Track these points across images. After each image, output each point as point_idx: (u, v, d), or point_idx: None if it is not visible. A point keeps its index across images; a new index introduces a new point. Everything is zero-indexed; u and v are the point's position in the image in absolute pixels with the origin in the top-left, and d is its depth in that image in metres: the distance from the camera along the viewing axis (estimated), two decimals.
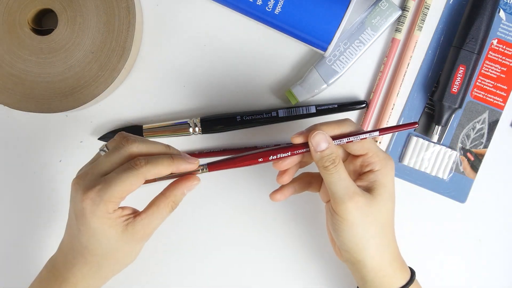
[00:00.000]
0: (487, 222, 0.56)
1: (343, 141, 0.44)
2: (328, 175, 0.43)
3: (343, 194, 0.43)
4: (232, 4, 0.51)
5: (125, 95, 0.56)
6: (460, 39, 0.53)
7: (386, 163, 0.45)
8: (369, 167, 0.45)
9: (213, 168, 0.45)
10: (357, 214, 0.43)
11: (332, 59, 0.54)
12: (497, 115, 0.55)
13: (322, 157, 0.44)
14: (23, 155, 0.57)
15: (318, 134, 0.44)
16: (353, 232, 0.44)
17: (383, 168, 0.45)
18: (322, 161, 0.44)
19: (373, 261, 0.45)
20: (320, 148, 0.44)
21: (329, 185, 0.44)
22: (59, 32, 0.52)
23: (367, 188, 0.45)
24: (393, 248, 0.47)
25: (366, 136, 0.44)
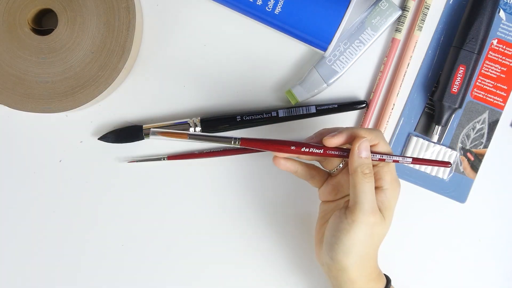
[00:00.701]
0: (487, 222, 0.56)
1: (376, 157, 0.45)
2: (364, 183, 0.44)
3: (369, 207, 0.43)
4: (232, 4, 0.51)
5: (125, 95, 0.56)
6: (460, 39, 0.53)
7: (396, 187, 0.46)
8: (379, 182, 0.46)
9: (246, 143, 0.45)
10: (367, 230, 0.44)
11: (332, 59, 0.54)
12: (497, 115, 0.55)
13: (363, 163, 0.44)
14: (23, 155, 0.57)
15: (366, 142, 0.44)
16: (352, 245, 0.44)
17: (392, 190, 0.46)
18: (362, 167, 0.44)
19: (353, 273, 0.45)
20: (364, 154, 0.44)
21: (358, 193, 0.44)
22: (59, 32, 0.52)
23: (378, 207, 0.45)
24: (373, 262, 0.47)
25: (398, 159, 0.46)
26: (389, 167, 0.46)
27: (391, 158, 0.45)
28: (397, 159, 0.46)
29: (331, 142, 0.45)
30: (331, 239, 0.45)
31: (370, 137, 0.45)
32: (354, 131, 0.45)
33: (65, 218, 0.57)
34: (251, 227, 0.56)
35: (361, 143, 0.44)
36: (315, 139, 0.48)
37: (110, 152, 0.56)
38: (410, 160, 0.46)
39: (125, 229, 0.56)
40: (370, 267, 0.46)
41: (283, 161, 0.48)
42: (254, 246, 0.57)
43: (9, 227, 0.57)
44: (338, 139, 0.45)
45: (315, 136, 0.48)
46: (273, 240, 0.56)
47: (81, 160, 0.57)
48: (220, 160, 0.56)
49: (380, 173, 0.46)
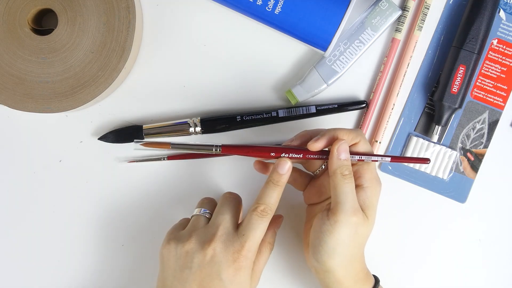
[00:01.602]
0: (487, 222, 0.56)
1: (355, 158, 0.46)
2: (344, 184, 0.44)
3: (350, 207, 0.44)
4: (232, 4, 0.51)
5: (125, 95, 0.56)
6: (460, 39, 0.53)
7: (376, 185, 0.46)
8: (359, 180, 0.46)
9: (226, 150, 0.46)
10: (350, 231, 0.44)
11: (332, 59, 0.54)
12: (497, 115, 0.55)
13: (343, 165, 0.44)
14: (23, 155, 0.57)
15: (344, 144, 0.45)
16: (336, 246, 0.44)
17: (372, 187, 0.46)
18: (342, 169, 0.44)
19: (339, 274, 0.45)
20: (342, 156, 0.44)
21: (339, 194, 0.44)
22: (59, 32, 0.52)
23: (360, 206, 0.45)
24: (361, 263, 0.47)
25: (377, 159, 0.46)
26: (369, 166, 0.46)
27: (370, 158, 0.46)
28: (375, 158, 0.46)
29: (315, 146, 0.45)
30: (315, 241, 0.45)
31: (350, 137, 0.45)
32: (335, 133, 0.46)
33: (65, 218, 0.57)
34: None
35: (339, 145, 0.45)
36: (295, 142, 0.48)
37: (110, 152, 0.56)
38: (389, 159, 0.47)
39: (125, 229, 0.56)
40: (357, 267, 0.47)
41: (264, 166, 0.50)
42: None
43: (9, 227, 0.57)
44: (321, 143, 0.45)
45: (296, 138, 0.48)
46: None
47: (81, 160, 0.57)
48: (220, 160, 0.56)
49: (360, 171, 0.46)
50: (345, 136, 0.45)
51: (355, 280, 0.46)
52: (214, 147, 0.46)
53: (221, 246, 0.43)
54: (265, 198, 0.45)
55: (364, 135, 0.47)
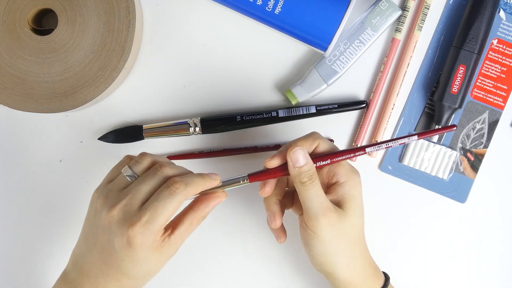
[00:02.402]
0: (487, 222, 0.56)
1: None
2: (305, 190, 0.44)
3: (317, 210, 0.43)
4: (232, 4, 0.51)
5: (125, 95, 0.56)
6: (460, 39, 0.53)
7: (353, 176, 0.46)
8: (335, 178, 0.45)
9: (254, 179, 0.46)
10: (329, 230, 0.44)
11: (332, 59, 0.54)
12: (497, 115, 0.55)
13: (300, 173, 0.44)
14: (23, 155, 0.57)
15: (298, 150, 0.44)
16: (324, 247, 0.44)
17: (349, 180, 0.45)
18: (300, 177, 0.44)
19: (344, 274, 0.45)
20: (298, 164, 0.44)
21: (304, 200, 0.44)
22: (59, 32, 0.52)
23: (337, 201, 0.45)
24: (363, 259, 0.47)
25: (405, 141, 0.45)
26: (339, 162, 0.46)
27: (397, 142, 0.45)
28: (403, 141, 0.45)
29: (271, 164, 0.45)
30: (306, 249, 0.46)
31: (307, 143, 0.45)
32: (288, 144, 0.45)
33: (65, 218, 0.57)
34: (251, 227, 0.56)
35: (292, 154, 0.44)
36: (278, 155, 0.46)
37: (110, 152, 0.56)
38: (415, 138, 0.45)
39: None
40: (361, 263, 0.46)
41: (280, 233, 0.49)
42: (253, 247, 0.56)
43: (9, 227, 0.57)
44: (276, 159, 0.45)
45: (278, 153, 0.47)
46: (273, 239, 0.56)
47: (81, 160, 0.57)
48: (220, 160, 0.56)
49: (332, 169, 0.46)
50: (300, 144, 0.45)
51: (363, 276, 0.46)
52: (242, 179, 0.45)
53: (120, 216, 0.41)
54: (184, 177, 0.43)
55: (319, 135, 0.46)
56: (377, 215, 0.56)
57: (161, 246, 0.43)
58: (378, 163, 0.56)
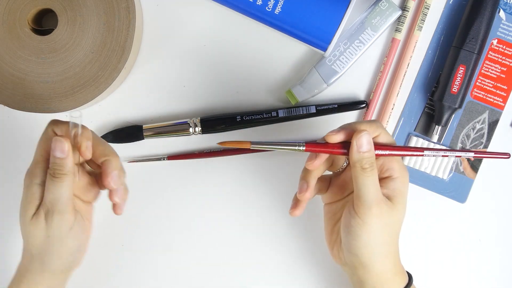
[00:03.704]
0: (487, 222, 0.56)
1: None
2: (364, 177, 0.43)
3: (372, 199, 0.43)
4: (232, 4, 0.51)
5: (125, 95, 0.56)
6: (460, 39, 0.53)
7: (405, 173, 0.46)
8: (388, 172, 0.45)
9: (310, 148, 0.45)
10: (378, 220, 0.43)
11: (332, 59, 0.54)
12: (497, 115, 0.55)
13: (363, 158, 0.43)
14: (23, 155, 0.57)
15: (365, 135, 0.44)
16: (369, 236, 0.44)
17: (401, 177, 0.45)
18: (361, 162, 0.43)
19: (378, 267, 0.45)
20: (363, 148, 0.44)
21: (360, 187, 0.44)
22: (59, 32, 0.52)
23: (387, 195, 0.45)
24: (397, 255, 0.47)
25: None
26: (394, 157, 0.46)
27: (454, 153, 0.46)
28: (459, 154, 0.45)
29: (333, 139, 0.44)
30: (348, 236, 0.45)
31: (371, 128, 0.45)
32: (354, 125, 0.45)
33: None
34: (251, 227, 0.56)
35: (359, 138, 0.44)
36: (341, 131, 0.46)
37: None
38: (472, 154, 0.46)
39: (125, 229, 0.56)
40: (393, 260, 0.46)
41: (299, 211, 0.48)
42: (255, 246, 0.56)
43: (9, 227, 0.57)
44: (340, 135, 0.45)
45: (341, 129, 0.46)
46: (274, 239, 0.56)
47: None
48: (220, 160, 0.56)
49: (387, 163, 0.45)
50: (365, 128, 0.44)
51: (393, 272, 0.46)
52: (298, 144, 0.44)
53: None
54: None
55: (383, 127, 0.46)
56: None
57: None
58: None
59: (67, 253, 0.45)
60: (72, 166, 0.43)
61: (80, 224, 0.45)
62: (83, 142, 0.44)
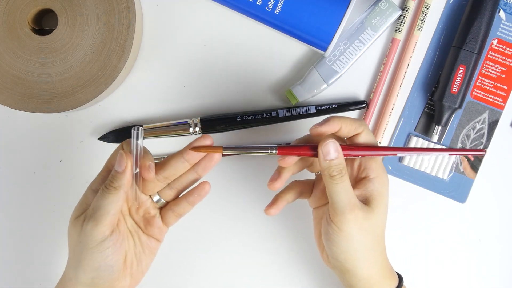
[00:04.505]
0: (487, 222, 0.56)
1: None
2: (333, 184, 0.43)
3: (344, 205, 0.43)
4: (232, 4, 0.51)
5: (125, 95, 0.56)
6: (460, 39, 0.53)
7: (383, 174, 0.45)
8: (365, 172, 0.45)
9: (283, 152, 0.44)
10: (355, 226, 0.43)
11: (332, 59, 0.54)
12: (497, 115, 0.55)
13: (330, 166, 0.43)
14: (23, 155, 0.57)
15: (330, 143, 0.43)
16: (347, 243, 0.44)
17: (379, 177, 0.45)
18: (329, 170, 0.43)
19: (363, 272, 0.45)
20: (329, 157, 0.43)
21: (331, 194, 0.43)
22: (59, 32, 0.52)
23: (365, 197, 0.44)
24: (383, 258, 0.47)
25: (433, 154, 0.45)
26: (373, 156, 0.45)
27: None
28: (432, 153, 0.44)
29: (316, 131, 0.44)
30: (328, 244, 0.45)
31: (353, 127, 0.44)
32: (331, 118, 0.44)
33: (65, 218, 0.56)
34: (251, 227, 0.56)
35: (324, 146, 0.43)
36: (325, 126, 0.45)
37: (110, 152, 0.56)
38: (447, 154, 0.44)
39: None
40: (380, 262, 0.46)
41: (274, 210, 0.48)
42: (255, 245, 0.56)
43: (9, 227, 0.57)
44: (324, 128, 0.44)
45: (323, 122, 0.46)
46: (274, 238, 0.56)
47: (81, 160, 0.57)
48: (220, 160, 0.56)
49: (364, 163, 0.45)
50: (348, 126, 0.44)
51: (381, 275, 0.46)
52: (270, 148, 0.44)
53: None
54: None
55: (367, 126, 0.46)
56: None
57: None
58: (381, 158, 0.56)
59: (92, 266, 0.43)
60: (127, 182, 0.43)
61: (116, 244, 0.43)
62: (146, 161, 0.44)
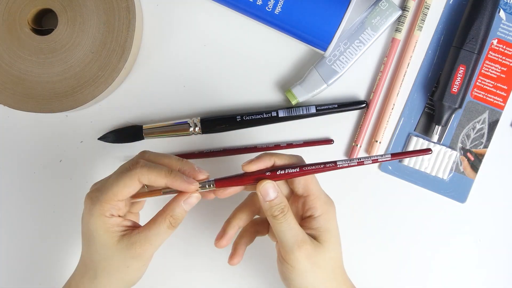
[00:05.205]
0: (487, 222, 0.56)
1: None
2: (277, 224, 0.43)
3: (292, 243, 0.43)
4: (232, 4, 0.51)
5: (125, 95, 0.56)
6: (460, 39, 0.53)
7: (328, 209, 0.45)
8: (310, 212, 0.45)
9: (221, 185, 0.44)
10: (306, 262, 0.43)
11: (332, 59, 0.54)
12: (497, 115, 0.55)
13: (271, 206, 0.43)
14: (23, 155, 0.57)
15: (267, 184, 0.43)
16: (302, 280, 0.43)
17: (324, 214, 0.44)
18: (271, 210, 0.43)
19: None
20: (269, 197, 0.43)
21: (277, 233, 0.43)
22: (59, 32, 0.52)
23: (313, 235, 0.44)
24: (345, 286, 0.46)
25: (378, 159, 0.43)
26: (315, 194, 0.44)
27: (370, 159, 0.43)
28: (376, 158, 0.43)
29: (250, 168, 0.44)
30: (284, 282, 0.45)
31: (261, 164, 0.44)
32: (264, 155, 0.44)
33: (66, 218, 0.57)
34: None
35: (262, 188, 0.43)
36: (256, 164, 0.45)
37: (110, 152, 0.56)
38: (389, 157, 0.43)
39: None
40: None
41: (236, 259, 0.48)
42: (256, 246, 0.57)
43: (9, 227, 0.57)
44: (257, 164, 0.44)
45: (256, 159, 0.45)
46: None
47: (81, 160, 0.57)
48: (220, 160, 0.56)
49: (308, 203, 0.45)
50: (281, 161, 0.44)
51: None
52: (207, 183, 0.44)
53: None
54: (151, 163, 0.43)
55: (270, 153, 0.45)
56: (377, 215, 0.56)
57: (118, 236, 0.42)
58: (379, 163, 0.56)
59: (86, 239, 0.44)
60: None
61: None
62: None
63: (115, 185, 0.42)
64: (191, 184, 0.42)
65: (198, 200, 0.44)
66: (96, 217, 0.42)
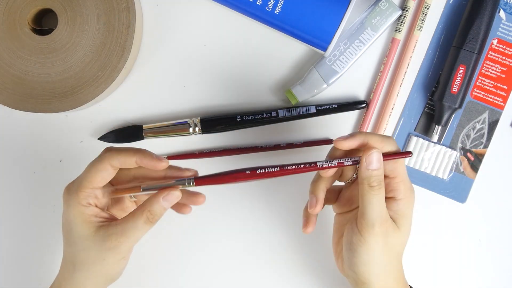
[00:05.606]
0: (487, 222, 0.56)
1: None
2: (371, 195, 0.43)
3: (375, 217, 0.43)
4: (232, 4, 0.51)
5: (125, 95, 0.56)
6: (460, 39, 0.53)
7: (410, 195, 0.45)
8: (392, 193, 0.44)
9: (201, 182, 0.44)
10: (380, 240, 0.43)
11: (332, 59, 0.54)
12: (497, 115, 0.55)
13: (371, 175, 0.43)
14: (23, 155, 0.57)
15: (375, 153, 0.43)
16: (368, 256, 0.43)
17: (406, 199, 0.45)
18: (369, 180, 0.43)
19: (377, 286, 0.44)
20: (372, 166, 0.43)
21: (365, 205, 0.43)
22: (59, 32, 0.52)
23: (391, 217, 0.44)
24: (399, 273, 0.46)
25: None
26: (401, 177, 0.45)
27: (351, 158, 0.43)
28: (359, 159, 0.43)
29: (342, 145, 0.44)
30: (348, 252, 0.45)
31: (380, 145, 0.44)
32: (365, 138, 0.44)
33: None
34: (250, 227, 0.56)
35: (368, 155, 0.43)
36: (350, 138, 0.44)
37: None
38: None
39: None
40: (396, 278, 0.46)
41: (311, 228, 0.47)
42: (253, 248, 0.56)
43: (9, 227, 0.57)
44: (350, 142, 0.44)
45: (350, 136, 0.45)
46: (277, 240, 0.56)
47: (81, 160, 0.56)
48: (220, 160, 0.56)
49: (392, 184, 0.44)
50: (376, 144, 0.44)
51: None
52: (187, 181, 0.43)
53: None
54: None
55: (395, 143, 0.45)
56: None
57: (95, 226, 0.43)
58: None
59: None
60: None
61: None
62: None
63: (87, 172, 0.43)
64: (161, 161, 0.43)
65: (178, 198, 0.44)
66: (73, 206, 0.43)
